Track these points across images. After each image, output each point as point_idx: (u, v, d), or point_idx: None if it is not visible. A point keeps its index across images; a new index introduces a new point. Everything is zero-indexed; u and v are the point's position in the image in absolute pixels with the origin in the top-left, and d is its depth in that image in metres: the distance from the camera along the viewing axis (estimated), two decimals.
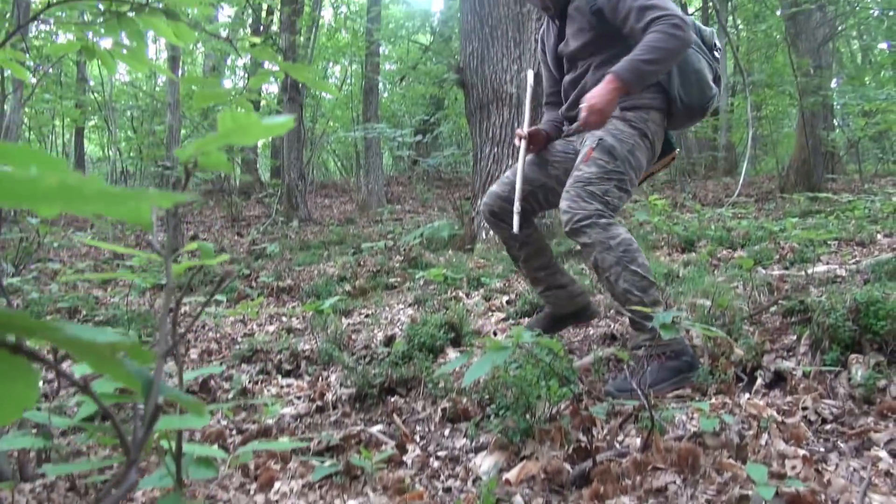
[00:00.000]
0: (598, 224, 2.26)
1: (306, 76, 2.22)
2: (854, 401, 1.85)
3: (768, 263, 4.53)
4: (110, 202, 0.42)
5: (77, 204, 0.39)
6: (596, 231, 2.25)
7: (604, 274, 2.31)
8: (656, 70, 2.24)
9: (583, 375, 2.39)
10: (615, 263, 2.26)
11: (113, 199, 0.41)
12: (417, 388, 2.64)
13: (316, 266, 6.59)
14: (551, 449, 1.71)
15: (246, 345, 3.71)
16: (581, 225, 2.26)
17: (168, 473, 0.83)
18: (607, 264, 2.27)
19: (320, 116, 14.55)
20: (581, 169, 2.33)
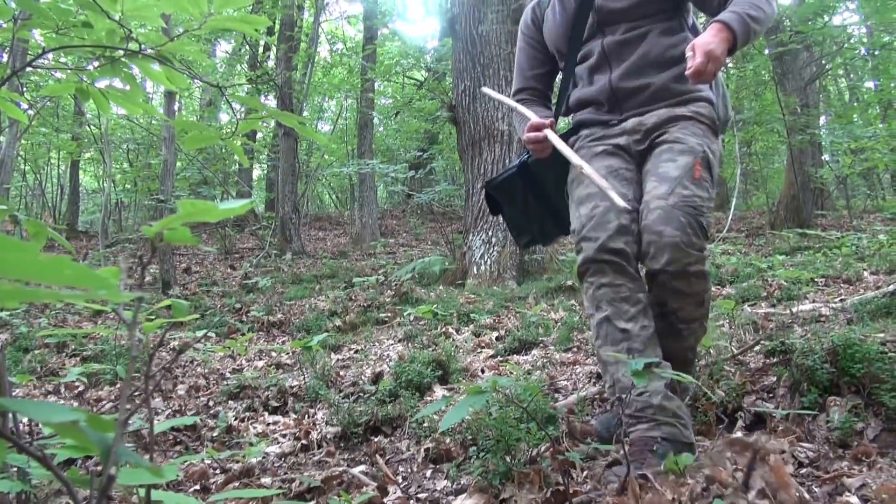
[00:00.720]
0: (706, 270, 1.84)
1: (294, 123, 2.28)
2: (830, 444, 1.87)
3: (755, 302, 4.57)
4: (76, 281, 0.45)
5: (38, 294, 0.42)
6: (705, 280, 1.84)
7: (680, 326, 1.93)
8: (757, 32, 1.84)
9: (566, 416, 2.41)
10: (699, 319, 1.94)
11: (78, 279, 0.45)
12: (402, 427, 2.65)
13: (307, 300, 6.60)
14: (529, 492, 1.72)
15: (234, 381, 3.72)
16: (697, 270, 1.78)
17: None
18: (693, 317, 1.92)
19: (315, 150, 14.69)
20: (688, 188, 1.80)
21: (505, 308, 5.39)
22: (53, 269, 0.48)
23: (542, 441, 1.90)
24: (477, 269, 6.60)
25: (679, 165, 1.86)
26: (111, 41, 2.50)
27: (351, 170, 10.10)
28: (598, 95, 2.11)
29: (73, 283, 0.50)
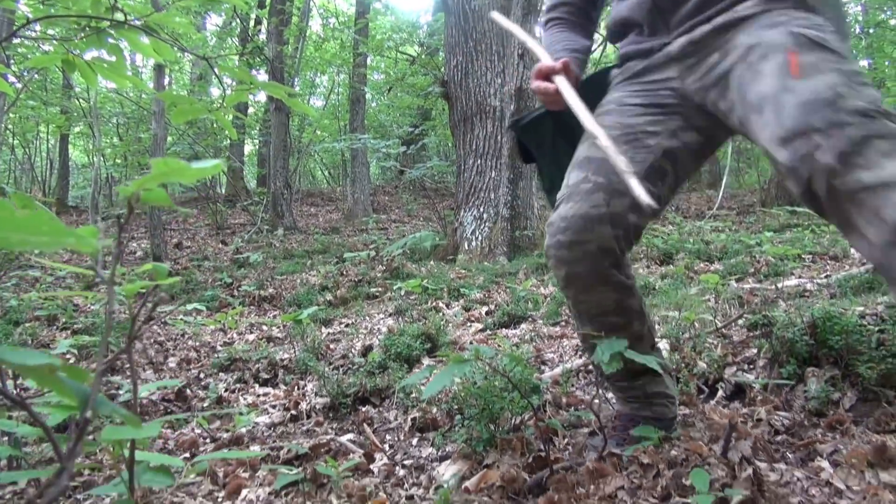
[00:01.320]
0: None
1: (283, 94, 2.28)
2: (807, 413, 1.92)
3: (742, 277, 4.61)
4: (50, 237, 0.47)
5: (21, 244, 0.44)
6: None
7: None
8: None
9: (551, 386, 2.45)
10: None
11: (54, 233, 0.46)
12: (390, 398, 2.69)
13: (298, 275, 6.62)
14: (512, 458, 1.76)
15: (225, 354, 3.74)
16: (856, 149, 1.09)
17: (122, 481, 0.87)
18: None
19: (307, 126, 14.59)
20: (798, 91, 1.19)
21: (495, 283, 5.42)
22: (31, 225, 0.49)
23: (525, 410, 1.94)
24: (468, 244, 6.62)
25: (769, 74, 1.25)
26: (96, 11, 2.48)
27: (343, 145, 10.06)
28: (635, 13, 1.56)
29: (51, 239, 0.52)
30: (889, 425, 1.76)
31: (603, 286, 1.58)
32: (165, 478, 1.01)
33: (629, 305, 1.63)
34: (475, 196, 6.83)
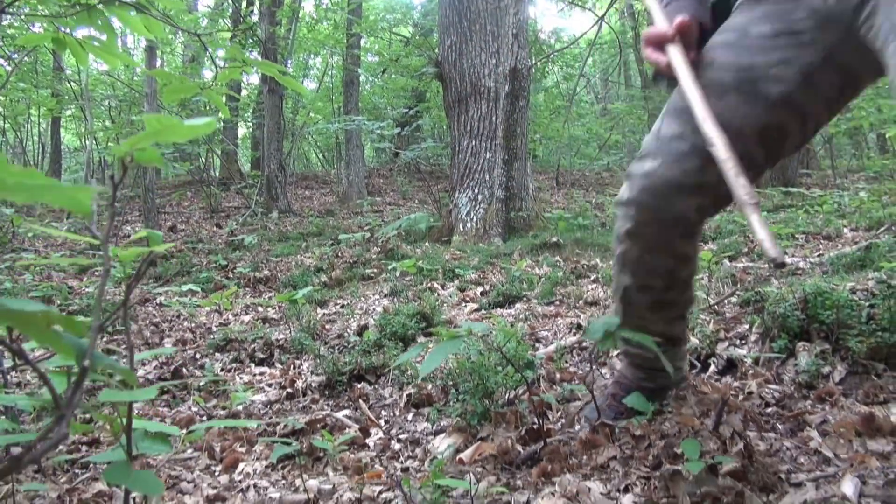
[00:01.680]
0: None
1: (275, 72, 2.26)
2: (797, 386, 1.94)
3: (736, 256, 4.64)
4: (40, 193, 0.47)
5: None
6: None
7: None
8: None
9: (545, 363, 2.47)
10: None
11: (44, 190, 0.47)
12: (386, 376, 2.70)
13: (294, 257, 6.62)
14: (506, 430, 1.78)
15: (220, 334, 3.75)
16: None
17: (120, 446, 0.89)
18: None
19: (301, 108, 14.50)
20: None
21: (490, 264, 5.44)
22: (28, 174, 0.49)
23: (519, 384, 1.96)
24: (463, 226, 6.63)
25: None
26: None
27: (337, 127, 10.00)
28: None
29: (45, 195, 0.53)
30: (878, 397, 1.79)
31: (664, 254, 1.46)
32: (163, 445, 1.02)
33: (679, 275, 1.51)
34: (470, 177, 6.82)
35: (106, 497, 1.54)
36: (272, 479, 1.70)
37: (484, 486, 1.45)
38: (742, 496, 1.28)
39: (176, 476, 1.73)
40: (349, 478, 1.65)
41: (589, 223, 6.74)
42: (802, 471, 1.38)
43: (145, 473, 0.85)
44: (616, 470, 1.47)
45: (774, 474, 1.34)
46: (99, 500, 1.52)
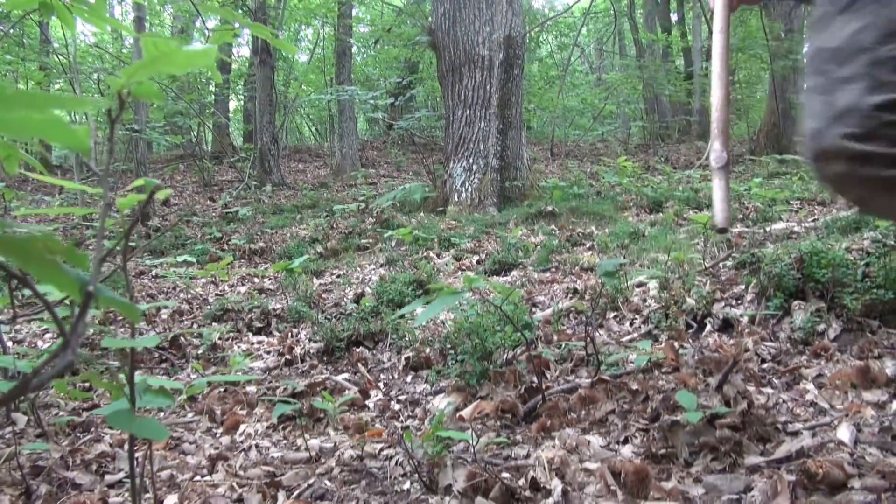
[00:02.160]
0: None
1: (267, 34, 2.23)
2: (792, 343, 1.96)
3: (731, 222, 4.65)
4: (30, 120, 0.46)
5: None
6: None
7: None
8: None
9: (542, 326, 2.48)
10: None
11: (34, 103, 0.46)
12: (384, 341, 2.71)
13: (288, 229, 6.60)
14: (505, 389, 1.80)
15: (217, 305, 3.75)
16: None
17: (123, 396, 0.89)
18: None
19: (293, 80, 14.33)
20: None
21: (485, 233, 5.43)
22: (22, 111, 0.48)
23: (517, 344, 1.96)
24: (458, 196, 6.61)
25: None
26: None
27: (330, 97, 9.90)
28: None
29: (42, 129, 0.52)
30: (872, 352, 1.80)
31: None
32: (165, 399, 1.02)
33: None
34: (464, 147, 6.78)
35: (108, 457, 1.55)
36: (273, 440, 1.71)
37: (484, 440, 1.46)
38: (740, 445, 1.29)
39: (178, 438, 1.74)
40: (350, 436, 1.67)
41: (584, 192, 6.73)
42: (799, 421, 1.40)
43: (149, 420, 0.85)
44: (615, 423, 1.48)
45: (772, 425, 1.36)
46: (102, 460, 1.53)
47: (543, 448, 1.38)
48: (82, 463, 1.50)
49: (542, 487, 1.23)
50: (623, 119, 15.50)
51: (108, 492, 1.34)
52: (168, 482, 1.40)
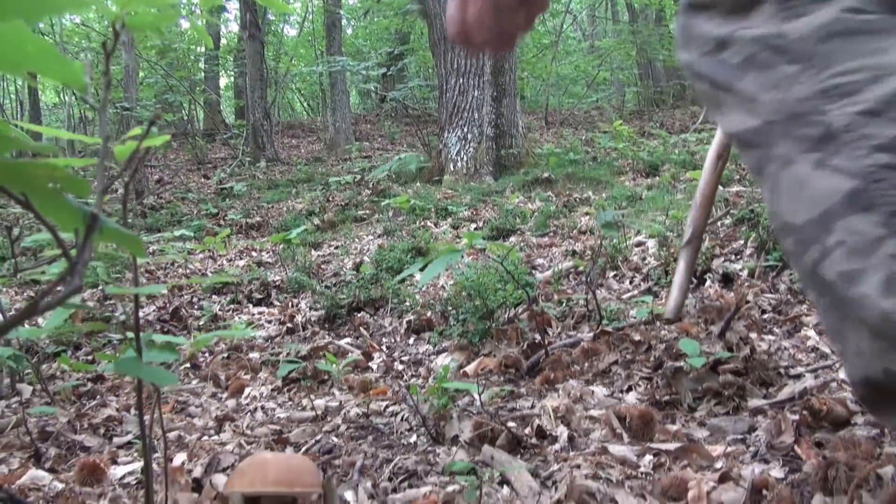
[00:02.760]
0: None
1: None
2: (793, 294, 1.97)
3: (728, 182, 4.63)
4: None
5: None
6: None
7: None
8: None
9: (542, 286, 2.48)
10: None
11: None
12: (384, 307, 2.72)
13: (284, 203, 6.57)
14: (508, 346, 1.80)
15: (216, 278, 3.75)
16: None
17: (128, 344, 0.89)
18: None
19: (283, 55, 14.16)
20: None
21: (482, 201, 5.42)
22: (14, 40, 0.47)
23: (519, 302, 1.97)
24: (453, 165, 6.57)
25: None
26: None
27: (321, 68, 9.79)
28: None
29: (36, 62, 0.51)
30: None
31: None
32: (170, 353, 1.02)
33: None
34: (458, 116, 6.73)
35: (116, 421, 1.56)
36: (279, 402, 1.72)
37: (489, 393, 1.47)
38: (743, 389, 1.30)
39: (183, 402, 1.75)
40: (355, 396, 1.68)
41: (580, 158, 6.70)
42: (801, 365, 1.41)
43: (156, 368, 0.86)
44: (618, 373, 1.49)
45: (774, 369, 1.37)
46: (109, 423, 1.54)
47: (548, 398, 1.39)
48: (90, 427, 1.51)
49: (548, 434, 1.24)
50: (617, 86, 15.37)
51: (116, 452, 1.35)
52: (176, 442, 1.41)
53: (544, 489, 1.03)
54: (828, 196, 0.54)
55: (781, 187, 0.60)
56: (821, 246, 0.55)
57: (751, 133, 0.62)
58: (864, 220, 0.52)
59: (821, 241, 0.55)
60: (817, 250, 0.55)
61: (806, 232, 0.56)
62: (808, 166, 0.56)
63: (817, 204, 0.55)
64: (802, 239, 0.57)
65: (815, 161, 0.56)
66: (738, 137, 0.65)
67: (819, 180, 0.55)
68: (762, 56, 0.60)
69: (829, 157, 0.55)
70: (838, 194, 0.54)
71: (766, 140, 0.61)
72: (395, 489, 1.09)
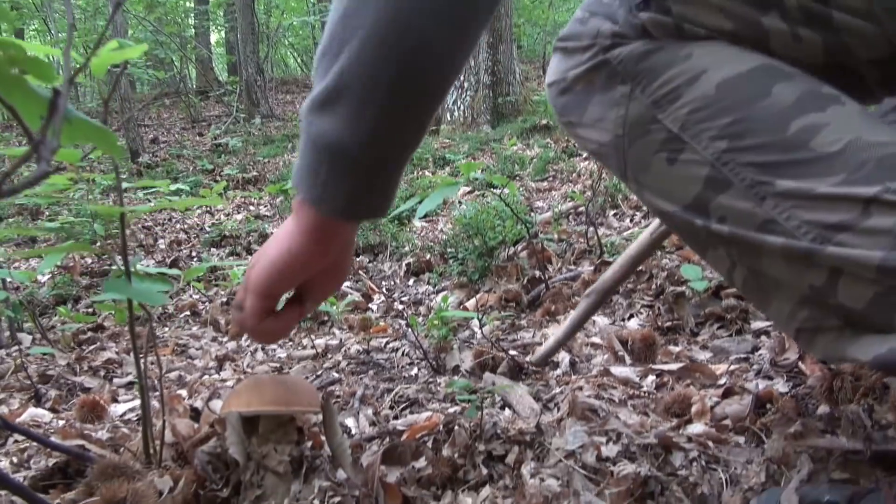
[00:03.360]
0: None
1: None
2: None
3: None
4: None
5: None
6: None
7: None
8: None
9: (542, 227, 2.46)
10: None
11: None
12: (383, 253, 2.70)
13: (281, 157, 6.51)
14: (508, 282, 1.79)
15: (214, 232, 3.73)
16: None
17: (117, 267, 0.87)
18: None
19: (274, 7, 13.85)
20: None
21: (480, 150, 5.36)
22: None
23: (518, 239, 1.95)
24: (450, 115, 6.48)
25: None
26: None
27: (314, 18, 9.58)
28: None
29: None
30: None
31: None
32: (163, 284, 1.00)
33: None
34: None
35: (115, 364, 1.55)
36: (279, 342, 1.72)
37: (489, 328, 1.46)
38: (746, 313, 1.29)
39: (184, 345, 1.74)
40: (355, 334, 1.67)
41: None
42: None
43: (145, 288, 0.84)
44: (619, 303, 1.48)
45: None
46: (109, 366, 1.53)
47: (549, 328, 1.38)
48: (90, 369, 1.50)
49: (550, 361, 1.23)
50: None
51: (117, 391, 1.34)
52: (177, 381, 1.40)
53: (546, 411, 1.02)
54: (691, 184, 0.63)
55: (646, 185, 0.69)
56: (705, 222, 0.63)
57: (606, 147, 0.71)
58: (729, 197, 0.61)
59: (704, 219, 0.63)
60: (703, 225, 0.63)
61: (686, 215, 0.64)
62: (662, 164, 0.65)
63: (686, 192, 0.64)
64: (684, 221, 0.65)
65: (667, 159, 0.65)
66: (596, 153, 0.74)
67: (677, 173, 0.64)
68: (600, 81, 0.70)
69: (677, 154, 0.64)
70: (699, 181, 0.62)
71: (619, 149, 0.70)
72: (397, 416, 1.09)
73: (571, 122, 0.76)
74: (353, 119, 0.56)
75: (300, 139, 0.62)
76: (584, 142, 0.75)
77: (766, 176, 0.59)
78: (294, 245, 0.64)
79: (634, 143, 0.68)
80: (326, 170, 0.58)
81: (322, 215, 0.61)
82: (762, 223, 0.59)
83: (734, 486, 0.74)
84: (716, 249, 0.66)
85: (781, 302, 0.63)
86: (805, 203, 0.57)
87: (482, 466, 0.83)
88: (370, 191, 0.60)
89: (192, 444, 0.87)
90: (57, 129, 0.42)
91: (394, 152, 0.60)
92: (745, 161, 0.60)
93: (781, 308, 0.63)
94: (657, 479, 0.75)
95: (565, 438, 0.85)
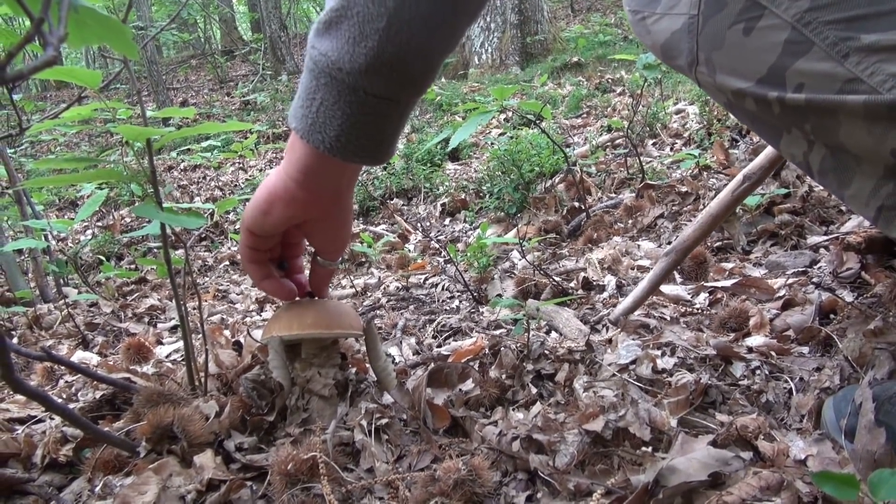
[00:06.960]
0: None
1: None
2: None
3: None
4: None
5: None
6: None
7: None
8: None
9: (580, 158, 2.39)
10: None
11: None
12: (417, 196, 2.67)
13: None
14: (546, 214, 1.74)
15: (249, 188, 3.74)
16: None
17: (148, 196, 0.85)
18: None
19: None
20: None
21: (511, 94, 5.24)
22: None
23: (556, 171, 1.89)
24: (478, 58, 6.33)
25: None
26: None
27: None
28: None
29: None
30: None
31: None
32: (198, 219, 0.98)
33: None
34: None
35: (159, 310, 1.56)
36: None
37: (531, 258, 1.42)
38: (801, 228, 1.22)
39: (224, 290, 1.74)
40: (393, 272, 1.65)
41: (610, 39, 6.37)
42: None
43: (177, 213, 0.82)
44: (665, 227, 1.42)
45: (834, 207, 1.28)
46: (152, 312, 1.54)
47: (593, 253, 1.33)
48: (134, 316, 1.52)
49: (595, 285, 1.19)
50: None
51: (161, 334, 1.35)
52: (219, 323, 1.40)
53: (594, 332, 0.99)
54: (767, 53, 0.58)
55: (718, 64, 0.63)
56: (781, 93, 0.57)
57: (677, 34, 0.66)
58: (808, 60, 0.55)
59: (779, 90, 0.57)
60: (778, 97, 0.58)
61: (760, 89, 0.59)
62: (738, 36, 0.60)
63: (761, 63, 0.59)
64: (757, 98, 0.60)
65: (744, 29, 0.59)
66: (665, 48, 0.70)
67: (753, 43, 0.59)
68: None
69: (754, 22, 0.58)
70: (776, 48, 0.57)
71: (692, 32, 0.65)
72: (440, 345, 1.07)
73: (644, 16, 0.72)
74: (353, 41, 0.55)
75: (303, 73, 0.61)
76: (653, 37, 0.72)
77: (850, 31, 0.54)
78: (279, 181, 0.66)
79: (709, 21, 0.63)
80: (322, 95, 0.58)
81: (310, 147, 0.60)
82: (843, 83, 0.54)
83: (804, 391, 0.70)
84: (790, 132, 0.61)
85: (863, 179, 0.58)
86: (892, 55, 0.52)
87: (531, 386, 0.81)
88: (362, 129, 0.60)
89: (237, 373, 0.86)
90: (63, 15, 0.39)
91: (391, 87, 0.58)
92: (828, 19, 0.55)
93: (863, 186, 0.58)
94: (718, 389, 0.71)
95: (617, 353, 0.81)
